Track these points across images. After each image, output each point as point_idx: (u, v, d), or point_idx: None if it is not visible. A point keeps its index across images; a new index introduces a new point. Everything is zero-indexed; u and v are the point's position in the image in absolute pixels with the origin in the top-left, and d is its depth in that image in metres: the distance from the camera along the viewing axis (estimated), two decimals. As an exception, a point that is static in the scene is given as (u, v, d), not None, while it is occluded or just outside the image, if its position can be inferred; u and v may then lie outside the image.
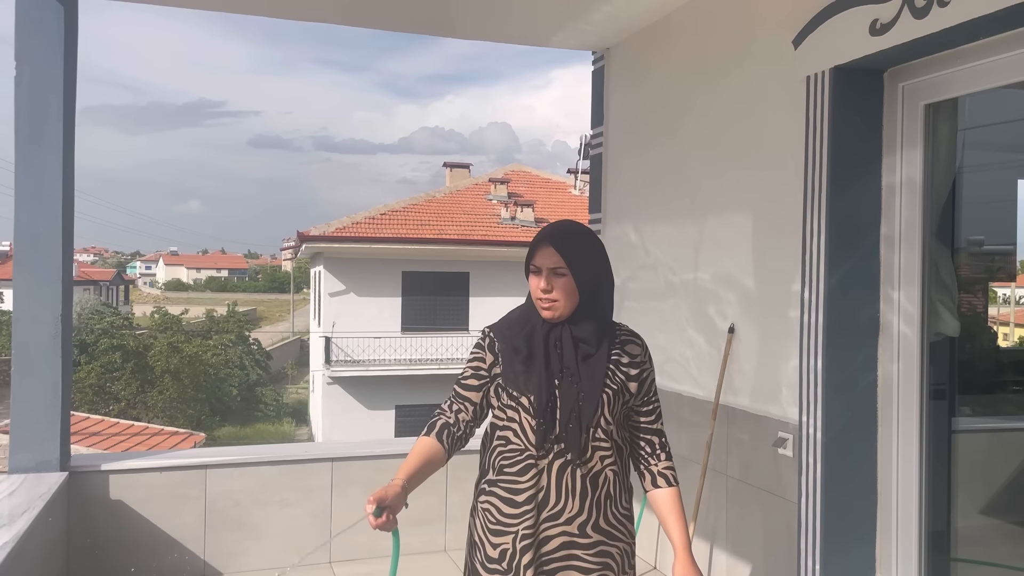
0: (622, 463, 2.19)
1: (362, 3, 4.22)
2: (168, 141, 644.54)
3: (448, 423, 2.14)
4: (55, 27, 3.67)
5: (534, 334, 2.12)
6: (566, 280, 2.08)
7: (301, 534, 4.22)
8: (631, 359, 2.16)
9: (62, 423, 3.72)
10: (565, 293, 2.08)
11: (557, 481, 2.09)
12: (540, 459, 2.09)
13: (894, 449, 3.01)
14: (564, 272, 2.08)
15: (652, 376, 2.22)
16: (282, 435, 25.48)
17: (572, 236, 2.13)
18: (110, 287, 54.95)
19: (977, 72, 2.68)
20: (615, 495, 2.15)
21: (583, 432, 2.07)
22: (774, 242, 3.34)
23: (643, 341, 2.22)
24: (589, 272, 2.11)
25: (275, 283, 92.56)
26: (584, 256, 2.11)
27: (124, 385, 23.82)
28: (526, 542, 2.08)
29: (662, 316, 4.24)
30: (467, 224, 21.29)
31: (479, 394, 2.17)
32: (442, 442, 2.11)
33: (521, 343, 2.12)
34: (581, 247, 2.12)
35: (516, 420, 2.12)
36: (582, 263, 2.09)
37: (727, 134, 3.67)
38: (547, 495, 2.09)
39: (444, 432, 2.12)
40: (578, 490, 2.10)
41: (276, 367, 34.53)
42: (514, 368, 2.12)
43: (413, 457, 2.06)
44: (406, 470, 2.03)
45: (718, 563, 3.73)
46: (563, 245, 2.09)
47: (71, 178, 3.77)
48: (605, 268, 2.18)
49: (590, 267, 2.11)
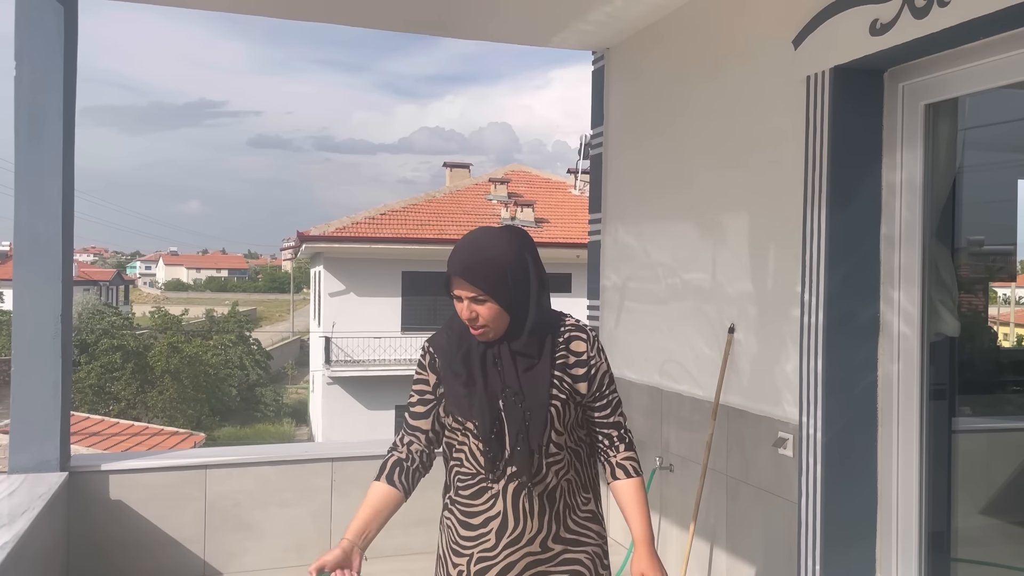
0: (580, 465, 2.12)
1: (362, 3, 4.22)
2: (168, 141, 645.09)
3: (400, 459, 2.08)
4: (55, 27, 3.67)
5: (471, 354, 2.04)
6: (488, 306, 1.97)
7: (301, 534, 4.22)
8: (576, 358, 2.06)
9: (62, 423, 3.72)
10: (492, 316, 1.98)
11: (513, 504, 2.03)
12: (494, 482, 2.03)
13: (894, 449, 3.01)
14: (484, 299, 1.97)
15: (603, 368, 2.09)
16: (282, 435, 25.48)
17: (477, 263, 1.97)
18: (110, 287, 54.92)
19: (977, 72, 2.68)
20: (573, 503, 2.09)
21: (534, 453, 2.00)
22: (774, 242, 3.34)
23: (590, 334, 2.09)
24: (508, 291, 1.97)
25: (275, 283, 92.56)
26: (496, 278, 1.96)
27: (124, 385, 23.82)
28: (480, 565, 2.03)
29: (662, 316, 4.24)
30: (467, 224, 21.26)
31: (428, 420, 2.11)
32: (393, 484, 2.05)
33: (459, 366, 2.03)
34: (490, 270, 1.96)
35: (466, 444, 2.06)
36: (497, 286, 1.96)
37: (727, 134, 3.67)
38: (505, 519, 2.03)
39: (396, 471, 2.06)
40: (535, 510, 2.04)
41: (276, 367, 34.53)
42: (455, 392, 2.04)
43: (363, 508, 2.02)
44: (355, 524, 2.00)
45: (718, 563, 3.73)
46: (471, 275, 1.96)
47: (71, 178, 3.77)
48: (525, 275, 2.01)
49: (506, 286, 1.97)
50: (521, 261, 2.01)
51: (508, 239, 2.03)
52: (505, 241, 2.02)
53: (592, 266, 5.04)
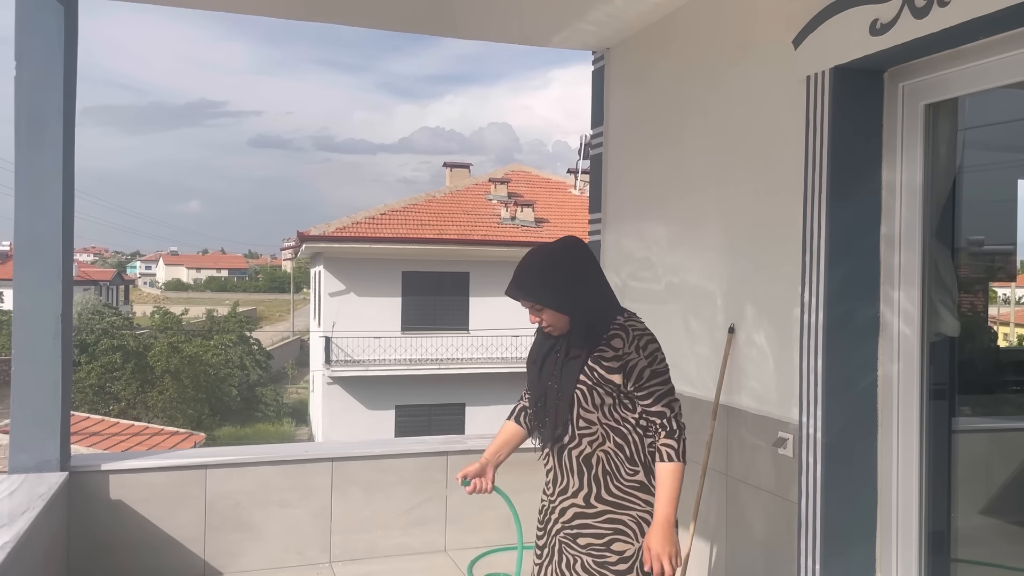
0: (623, 441, 2.43)
1: (362, 3, 4.22)
2: (168, 141, 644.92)
3: (524, 407, 2.69)
4: (55, 27, 3.67)
5: (542, 346, 2.54)
6: (546, 312, 2.41)
7: (301, 534, 4.22)
8: (614, 353, 2.39)
9: (62, 423, 3.72)
10: (552, 318, 2.42)
11: (558, 462, 2.49)
12: (546, 444, 2.51)
13: (894, 449, 3.01)
14: (540, 308, 2.41)
15: (640, 364, 2.38)
16: (282, 435, 25.48)
17: (526, 281, 2.41)
18: (110, 287, 54.93)
19: (977, 72, 2.68)
20: (614, 471, 2.42)
21: (557, 426, 2.44)
22: (774, 242, 3.34)
23: (632, 334, 2.40)
24: (558, 299, 2.39)
25: (275, 283, 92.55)
26: (546, 290, 2.39)
27: (124, 385, 23.83)
28: (545, 504, 2.57)
29: (662, 315, 4.24)
30: (467, 224, 21.29)
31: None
32: (520, 423, 2.69)
33: (534, 354, 2.57)
34: (538, 285, 2.39)
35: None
36: (548, 297, 2.39)
37: (727, 134, 3.67)
38: (555, 472, 2.51)
39: (521, 414, 2.69)
40: (575, 469, 2.45)
41: (276, 367, 34.52)
42: (528, 372, 2.61)
43: (497, 438, 2.68)
44: (490, 448, 2.66)
45: (718, 563, 3.74)
46: (522, 292, 2.41)
47: (71, 178, 3.77)
48: (576, 284, 2.41)
49: (556, 296, 2.38)
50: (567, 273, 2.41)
51: (549, 252, 2.45)
52: (545, 255, 2.44)
53: (592, 266, 5.04)
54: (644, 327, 2.44)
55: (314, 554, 4.24)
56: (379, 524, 4.28)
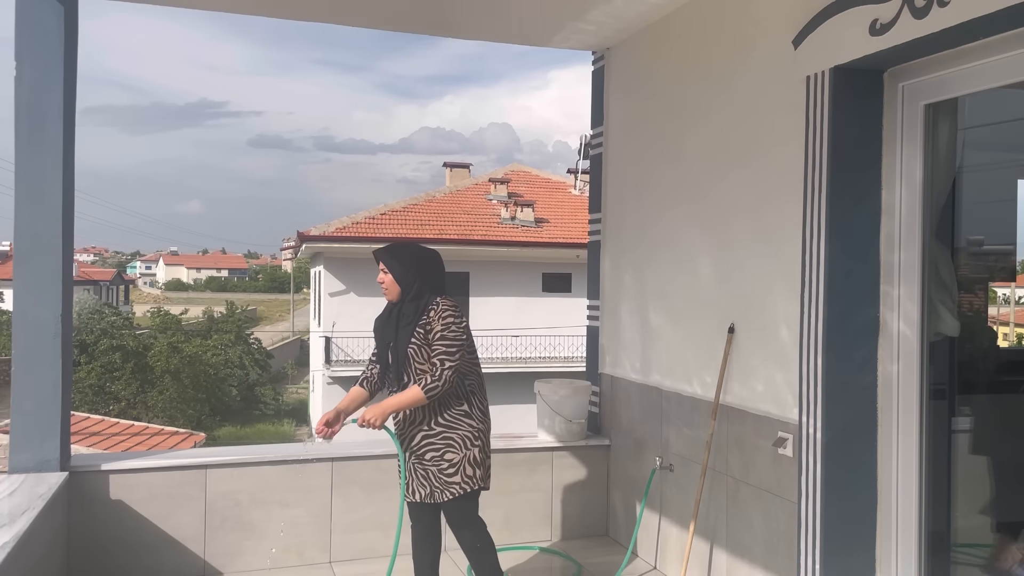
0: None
1: (362, 3, 4.23)
2: (169, 141, 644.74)
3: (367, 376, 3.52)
4: (55, 27, 3.67)
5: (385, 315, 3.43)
6: (389, 277, 3.35)
7: (301, 534, 4.22)
8: (427, 320, 3.25)
9: (62, 423, 3.72)
10: (390, 283, 3.35)
11: None
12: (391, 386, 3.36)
13: (894, 449, 3.01)
14: (386, 272, 3.36)
15: (436, 329, 3.23)
16: (282, 435, 25.46)
17: (393, 251, 3.39)
18: (110, 287, 54.94)
19: (977, 72, 2.68)
20: (445, 402, 3.27)
21: (400, 375, 3.31)
22: (774, 242, 3.34)
23: (438, 310, 3.24)
24: (404, 274, 3.32)
25: (275, 283, 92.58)
26: (398, 263, 3.34)
27: (124, 385, 23.82)
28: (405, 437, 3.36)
29: (662, 315, 4.24)
30: (467, 224, 21.29)
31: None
32: (363, 387, 3.50)
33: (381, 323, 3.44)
34: (396, 258, 3.35)
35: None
36: (397, 268, 3.33)
37: (726, 134, 3.67)
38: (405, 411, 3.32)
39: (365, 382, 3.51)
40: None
41: (276, 367, 34.52)
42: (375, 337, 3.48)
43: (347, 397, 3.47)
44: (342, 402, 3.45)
45: (718, 563, 3.74)
46: (385, 255, 3.37)
47: (71, 178, 3.77)
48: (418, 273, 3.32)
49: (403, 270, 3.32)
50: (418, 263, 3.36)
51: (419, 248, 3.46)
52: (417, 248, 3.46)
53: (592, 266, 5.04)
54: (451, 307, 3.26)
55: (314, 554, 4.24)
56: (379, 524, 4.29)
